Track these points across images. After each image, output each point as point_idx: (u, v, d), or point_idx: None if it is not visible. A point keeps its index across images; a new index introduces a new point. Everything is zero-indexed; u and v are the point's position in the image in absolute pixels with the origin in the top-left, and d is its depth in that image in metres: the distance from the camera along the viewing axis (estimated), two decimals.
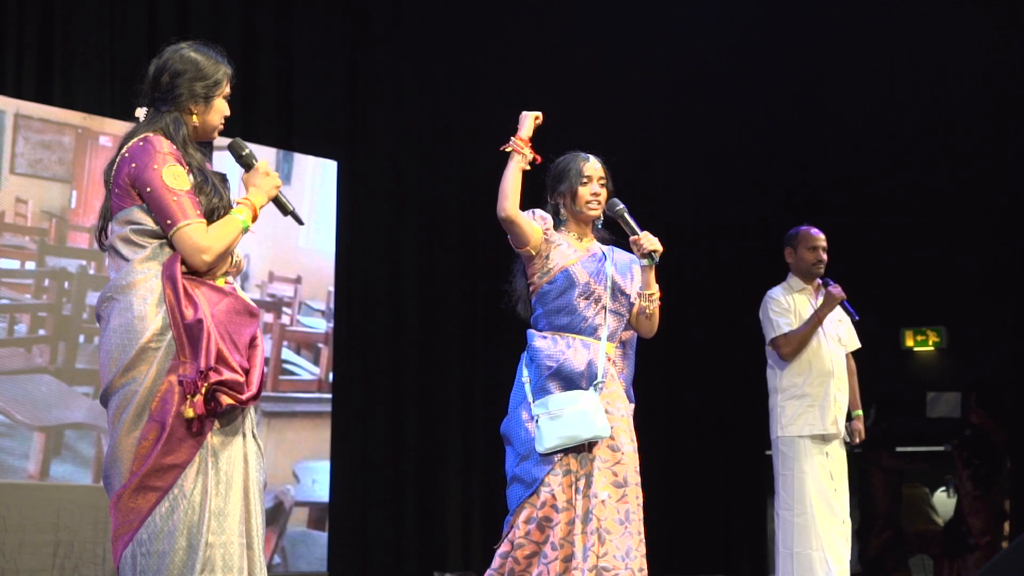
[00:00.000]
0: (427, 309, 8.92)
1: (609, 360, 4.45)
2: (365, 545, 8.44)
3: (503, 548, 4.35)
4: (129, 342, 3.27)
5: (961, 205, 9.99)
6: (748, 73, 10.12)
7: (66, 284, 6.97)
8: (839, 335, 6.33)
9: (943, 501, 9.84)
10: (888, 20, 10.06)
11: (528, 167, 4.48)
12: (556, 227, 4.59)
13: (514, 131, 4.58)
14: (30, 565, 6.62)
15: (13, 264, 6.84)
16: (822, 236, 6.41)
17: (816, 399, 6.20)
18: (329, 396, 8.19)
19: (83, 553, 6.80)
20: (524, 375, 4.43)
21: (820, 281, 6.33)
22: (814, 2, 9.97)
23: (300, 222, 3.59)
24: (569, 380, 4.36)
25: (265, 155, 7.61)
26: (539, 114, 4.55)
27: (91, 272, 7.03)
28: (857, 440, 6.35)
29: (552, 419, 4.29)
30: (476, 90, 9.29)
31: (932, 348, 10.51)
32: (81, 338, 6.99)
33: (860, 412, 6.39)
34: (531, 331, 4.50)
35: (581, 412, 4.28)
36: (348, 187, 8.43)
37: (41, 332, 6.89)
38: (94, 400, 6.75)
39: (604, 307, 4.46)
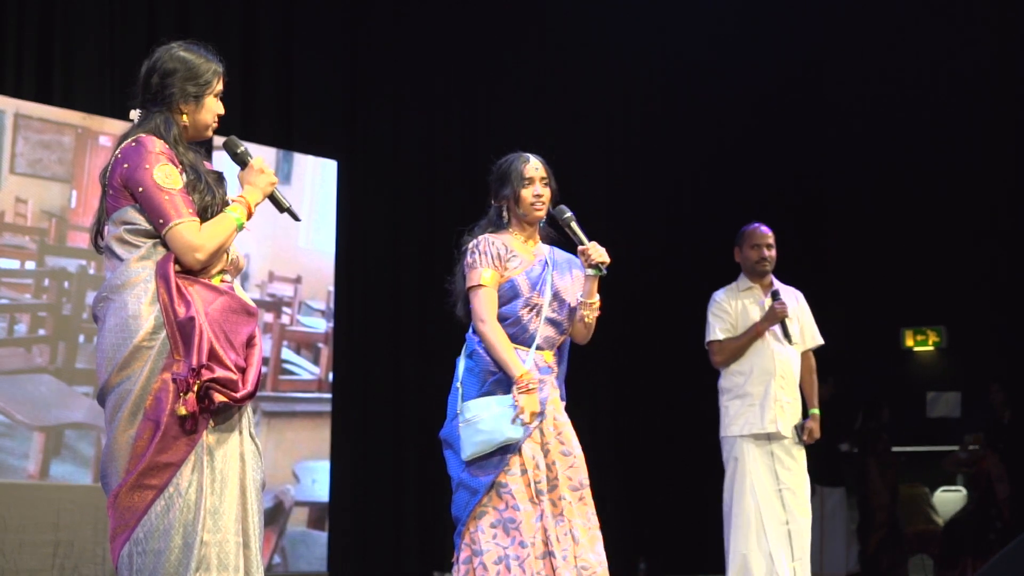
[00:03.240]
0: (427, 309, 8.91)
1: (549, 369, 4.40)
2: (365, 545, 8.44)
3: (464, 555, 4.29)
4: (124, 341, 3.27)
5: (961, 205, 9.99)
6: (748, 71, 10.12)
7: (66, 284, 6.97)
8: (794, 333, 6.12)
9: (943, 501, 9.85)
10: (890, 20, 10.06)
11: None
12: (498, 229, 4.49)
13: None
14: (30, 565, 6.62)
15: (13, 264, 6.85)
16: (768, 234, 6.22)
17: (756, 398, 6.05)
18: (329, 396, 8.20)
19: (83, 553, 6.80)
20: (459, 379, 4.37)
21: (771, 290, 6.15)
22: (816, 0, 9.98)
23: (296, 218, 3.59)
24: (510, 388, 4.28)
25: (265, 155, 7.62)
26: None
27: (91, 272, 7.04)
28: (807, 439, 6.08)
29: (468, 426, 4.26)
30: (476, 89, 9.30)
31: (932, 348, 10.51)
32: (81, 338, 6.99)
33: (816, 411, 6.17)
34: (474, 335, 4.40)
35: (493, 417, 4.22)
36: (348, 187, 8.43)
37: (41, 332, 6.89)
38: (94, 400, 6.74)
39: (542, 316, 4.38)
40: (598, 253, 4.36)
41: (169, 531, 3.24)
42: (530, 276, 4.39)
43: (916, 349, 10.56)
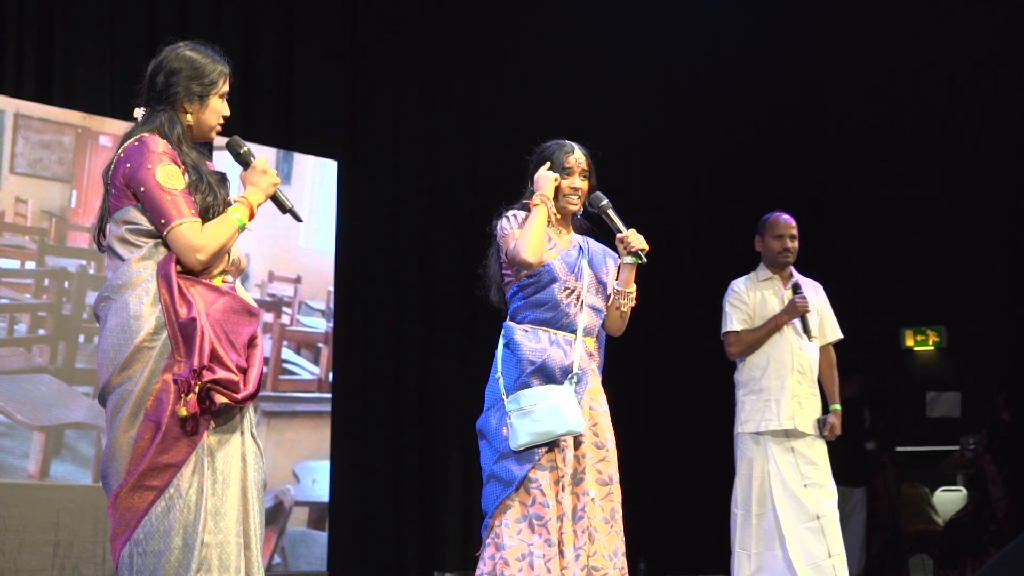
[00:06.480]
0: (427, 309, 8.92)
1: (590, 356, 4.38)
2: (365, 545, 8.44)
3: (489, 550, 4.22)
4: (125, 341, 3.27)
5: (961, 205, 10.00)
6: (749, 73, 10.12)
7: (66, 284, 6.97)
8: (813, 327, 5.96)
9: (943, 501, 9.84)
10: (891, 21, 10.06)
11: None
12: None
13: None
14: (30, 565, 6.62)
15: (13, 264, 6.84)
16: (790, 224, 6.13)
17: (773, 393, 5.90)
18: (329, 396, 8.19)
19: (83, 553, 6.80)
20: (499, 370, 4.31)
21: (792, 282, 6.03)
22: (818, 2, 9.98)
23: (299, 219, 3.58)
24: (551, 376, 4.24)
25: (265, 155, 7.60)
26: (557, 176, 4.38)
27: (91, 272, 7.04)
28: (827, 435, 5.94)
29: (524, 416, 4.16)
30: (476, 89, 9.30)
31: (932, 348, 10.51)
32: (81, 338, 6.99)
33: (837, 407, 6.02)
34: (510, 324, 4.36)
35: (553, 408, 4.16)
36: (348, 187, 8.43)
37: (41, 332, 6.89)
38: (94, 400, 6.75)
39: (582, 302, 4.34)
40: (637, 240, 4.35)
41: (169, 532, 3.24)
42: (566, 260, 4.35)
43: (916, 349, 10.56)
